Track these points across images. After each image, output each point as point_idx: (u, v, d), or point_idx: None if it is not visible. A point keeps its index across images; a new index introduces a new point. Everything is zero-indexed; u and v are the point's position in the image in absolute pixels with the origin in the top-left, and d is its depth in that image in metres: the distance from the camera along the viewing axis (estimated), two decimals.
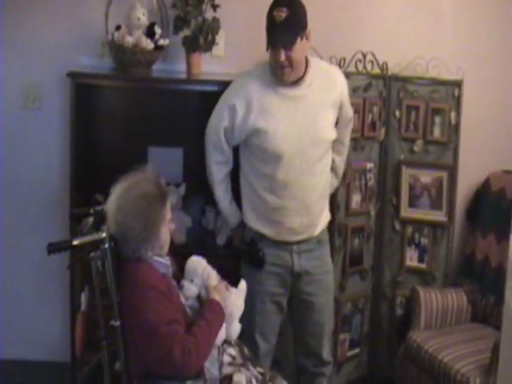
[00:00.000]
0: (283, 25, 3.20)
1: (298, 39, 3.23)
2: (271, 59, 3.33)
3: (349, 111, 3.65)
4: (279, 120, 3.33)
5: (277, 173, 3.38)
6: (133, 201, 2.76)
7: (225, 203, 3.60)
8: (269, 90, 3.36)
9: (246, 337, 3.39)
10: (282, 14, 3.20)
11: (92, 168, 4.04)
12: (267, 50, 3.30)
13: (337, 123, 3.56)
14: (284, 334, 3.92)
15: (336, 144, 3.58)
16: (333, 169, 3.65)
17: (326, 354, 3.72)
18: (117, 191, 2.81)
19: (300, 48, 3.25)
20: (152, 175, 2.90)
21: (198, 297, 3.01)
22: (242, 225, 3.59)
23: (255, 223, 3.52)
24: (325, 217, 3.61)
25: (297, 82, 3.36)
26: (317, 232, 3.54)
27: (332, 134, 3.48)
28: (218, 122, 3.45)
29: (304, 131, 3.35)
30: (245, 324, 3.21)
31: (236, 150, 3.56)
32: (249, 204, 3.53)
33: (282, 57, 3.23)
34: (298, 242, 3.51)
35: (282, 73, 3.30)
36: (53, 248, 2.75)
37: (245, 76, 3.50)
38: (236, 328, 3.06)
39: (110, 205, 2.81)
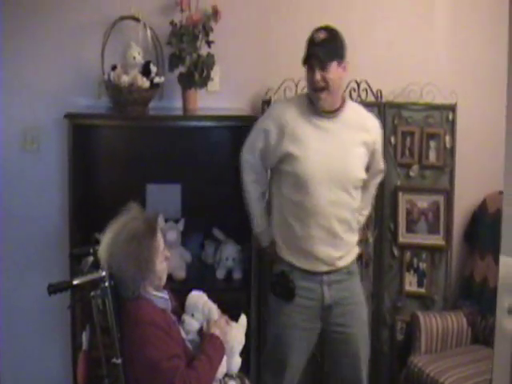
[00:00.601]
0: (321, 44, 3.33)
1: (334, 62, 3.32)
2: (307, 81, 3.41)
3: (380, 161, 3.66)
4: (310, 148, 3.38)
5: (305, 200, 3.40)
6: (123, 245, 2.82)
7: (260, 220, 3.62)
8: (303, 119, 3.42)
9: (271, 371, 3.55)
10: (322, 35, 3.34)
11: (91, 207, 4.08)
12: (304, 65, 3.40)
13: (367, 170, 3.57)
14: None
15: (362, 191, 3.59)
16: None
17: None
18: (106, 238, 2.87)
19: (335, 72, 3.33)
20: (138, 212, 2.96)
21: (199, 331, 3.04)
22: (274, 243, 3.60)
23: (285, 254, 3.53)
24: (354, 249, 3.58)
25: (332, 113, 3.41)
26: (345, 263, 3.52)
27: (361, 173, 3.46)
28: (254, 143, 3.53)
29: (334, 163, 3.37)
30: (270, 359, 3.41)
31: None
32: (279, 234, 3.56)
33: (318, 76, 3.31)
34: (328, 273, 3.48)
35: (318, 97, 3.36)
36: (53, 288, 2.81)
37: (282, 101, 3.64)
38: (237, 362, 3.09)
39: (102, 252, 2.87)
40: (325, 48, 3.32)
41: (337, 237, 3.44)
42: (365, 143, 3.46)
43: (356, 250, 3.61)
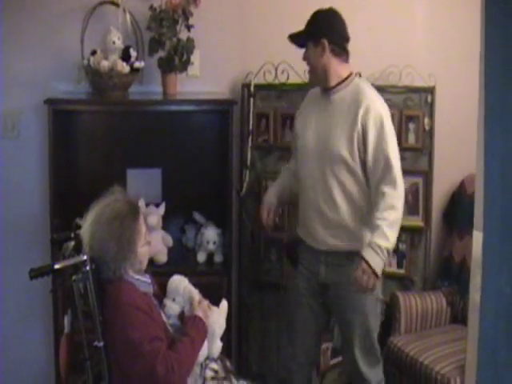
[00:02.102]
0: (305, 26, 3.52)
1: (310, 43, 3.48)
2: None
3: (376, 164, 3.40)
4: (307, 124, 3.57)
5: (300, 175, 3.60)
6: (105, 224, 2.84)
7: (272, 186, 3.86)
8: (314, 98, 3.64)
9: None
10: (309, 18, 3.53)
11: (72, 193, 4.07)
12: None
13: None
14: (267, 349, 4.00)
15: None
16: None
17: (366, 371, 3.61)
18: (89, 218, 2.89)
19: (313, 53, 3.48)
20: (121, 194, 2.99)
21: (180, 315, 3.06)
22: (270, 206, 3.72)
23: (297, 226, 3.72)
24: (353, 235, 3.48)
25: (327, 92, 3.53)
26: (342, 246, 3.49)
27: (342, 150, 3.40)
28: None
29: (320, 139, 3.48)
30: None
31: None
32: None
33: (303, 54, 3.53)
34: (327, 253, 3.53)
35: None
36: (35, 273, 2.83)
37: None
38: (218, 346, 3.11)
39: (85, 233, 2.89)
40: (301, 31, 3.50)
41: (324, 215, 3.48)
42: (352, 126, 3.41)
43: (358, 237, 3.47)
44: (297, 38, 3.52)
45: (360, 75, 3.74)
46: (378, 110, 3.43)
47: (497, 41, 1.72)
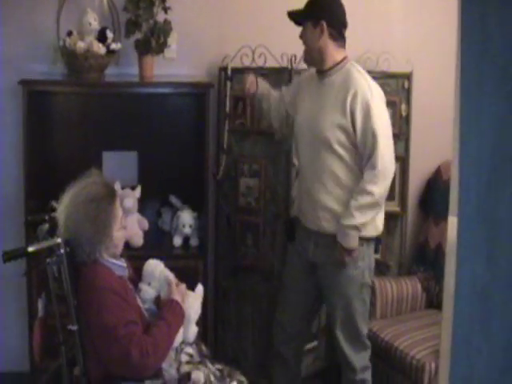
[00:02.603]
0: (305, 6, 3.56)
1: (309, 23, 3.52)
2: None
3: (370, 151, 3.43)
4: (300, 107, 3.66)
5: (296, 156, 3.80)
6: (82, 206, 2.82)
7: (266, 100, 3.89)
8: (310, 80, 3.69)
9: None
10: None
11: (47, 175, 4.04)
12: None
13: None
14: (243, 334, 3.99)
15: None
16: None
17: (349, 355, 3.68)
18: (65, 199, 2.87)
19: (311, 34, 3.52)
20: (98, 177, 2.98)
21: (156, 300, 3.05)
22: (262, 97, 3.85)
23: (293, 205, 3.94)
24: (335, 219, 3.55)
25: (322, 74, 3.59)
26: (328, 229, 3.54)
27: (331, 134, 3.45)
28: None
29: (311, 122, 3.56)
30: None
31: None
32: None
33: (300, 33, 3.58)
34: (316, 234, 3.61)
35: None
36: (8, 256, 2.79)
37: None
38: (193, 331, 3.11)
39: (60, 214, 2.86)
40: (302, 10, 3.55)
41: (313, 197, 3.57)
42: (341, 112, 3.46)
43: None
44: (296, 16, 3.55)
45: None
46: (364, 95, 3.45)
47: (473, 27, 1.71)
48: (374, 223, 3.56)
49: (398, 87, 4.36)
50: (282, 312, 3.84)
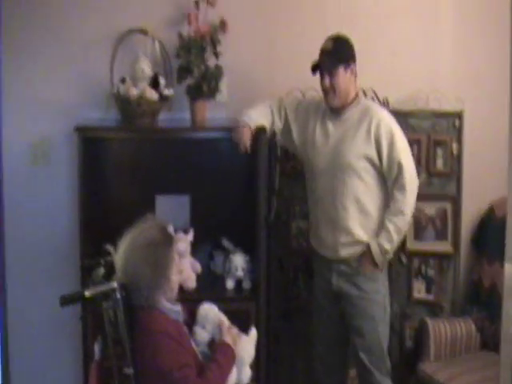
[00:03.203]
0: (329, 53, 3.67)
1: (341, 68, 3.65)
2: (320, 84, 3.74)
3: (398, 174, 3.65)
4: (315, 142, 3.77)
5: (312, 185, 3.82)
6: (139, 250, 2.85)
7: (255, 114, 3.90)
8: (319, 115, 3.82)
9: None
10: (329, 44, 3.68)
11: (101, 219, 4.10)
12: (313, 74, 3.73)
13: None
14: (296, 376, 3.98)
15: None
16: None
17: (380, 379, 3.81)
18: (123, 245, 2.90)
19: (342, 77, 3.66)
20: (155, 222, 3.01)
21: (210, 343, 3.06)
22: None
23: (310, 237, 3.98)
24: (362, 244, 3.71)
25: (338, 111, 3.73)
26: (351, 255, 3.72)
27: (354, 160, 3.65)
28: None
29: (336, 152, 3.67)
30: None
31: None
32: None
33: (327, 82, 3.67)
34: (336, 262, 3.74)
35: (326, 98, 3.73)
36: (65, 300, 2.82)
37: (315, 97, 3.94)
38: (247, 373, 3.10)
39: (119, 258, 2.90)
40: (332, 56, 3.66)
41: (334, 223, 3.71)
42: (365, 141, 3.65)
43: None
44: (329, 65, 3.64)
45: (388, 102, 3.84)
46: (387, 124, 3.69)
47: None
48: None
49: (448, 126, 4.34)
50: (319, 345, 3.94)
